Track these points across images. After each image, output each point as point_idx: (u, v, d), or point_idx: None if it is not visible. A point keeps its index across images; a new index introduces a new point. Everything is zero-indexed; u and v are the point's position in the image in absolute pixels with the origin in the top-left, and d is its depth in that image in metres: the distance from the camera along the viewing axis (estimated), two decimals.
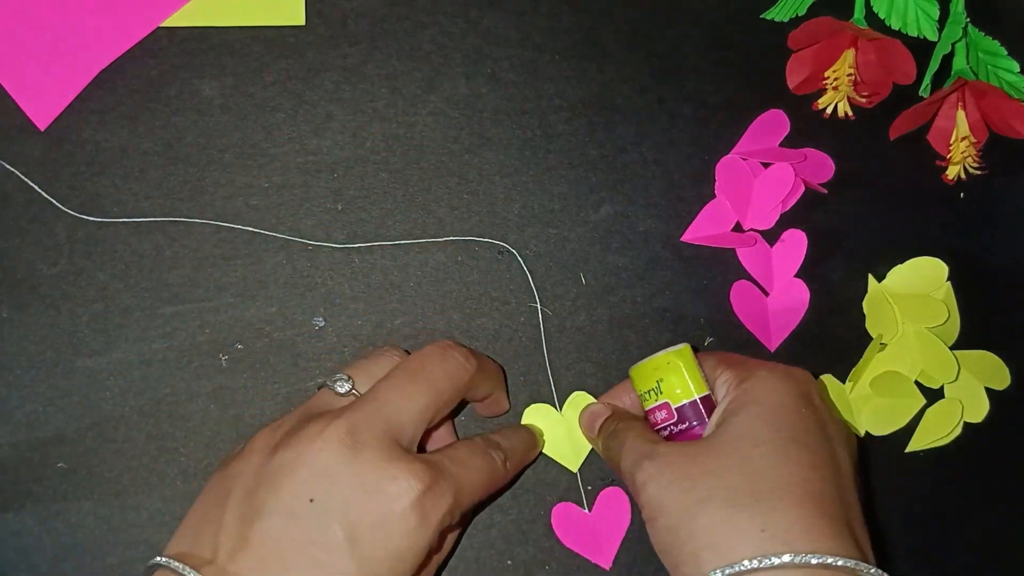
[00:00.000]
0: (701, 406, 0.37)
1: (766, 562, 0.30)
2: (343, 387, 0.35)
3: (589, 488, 0.43)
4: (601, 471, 0.43)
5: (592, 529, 0.42)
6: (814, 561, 0.30)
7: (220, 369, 0.41)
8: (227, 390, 0.41)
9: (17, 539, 0.39)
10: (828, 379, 0.45)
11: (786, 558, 0.30)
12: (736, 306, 0.45)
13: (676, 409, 0.37)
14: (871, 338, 0.46)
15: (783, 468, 0.33)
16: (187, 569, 0.31)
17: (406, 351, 0.39)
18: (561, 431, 0.43)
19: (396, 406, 0.34)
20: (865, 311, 0.46)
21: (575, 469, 0.43)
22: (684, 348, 0.39)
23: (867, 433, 0.45)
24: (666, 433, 0.38)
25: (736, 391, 0.36)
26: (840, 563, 0.30)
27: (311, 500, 0.31)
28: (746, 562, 0.30)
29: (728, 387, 0.37)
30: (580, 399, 0.43)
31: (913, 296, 0.46)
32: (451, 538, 0.39)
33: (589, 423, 0.41)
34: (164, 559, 0.31)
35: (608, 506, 0.43)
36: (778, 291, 0.46)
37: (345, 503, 0.31)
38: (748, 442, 0.34)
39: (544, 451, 0.42)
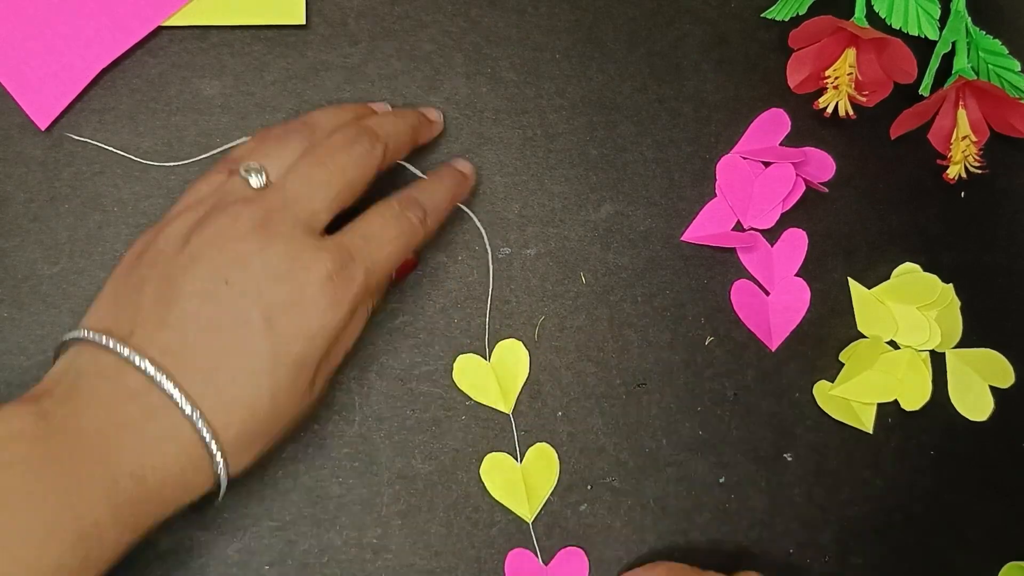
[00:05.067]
0: None
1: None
2: (257, 181, 0.35)
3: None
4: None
5: None
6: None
7: None
8: None
9: None
10: (825, 385, 0.45)
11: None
12: (736, 306, 0.45)
13: None
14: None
15: None
16: (111, 340, 0.32)
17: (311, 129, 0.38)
18: (517, 477, 0.42)
19: (307, 196, 0.35)
20: (855, 311, 0.46)
21: (529, 519, 0.42)
22: None
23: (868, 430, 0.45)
24: None
25: None
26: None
27: (226, 282, 0.32)
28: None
29: None
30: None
31: (905, 308, 0.46)
32: (364, 311, 0.37)
33: None
34: (85, 332, 0.32)
35: (566, 564, 0.42)
36: (779, 290, 0.45)
37: (259, 287, 0.32)
38: None
39: (500, 499, 0.42)
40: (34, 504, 0.28)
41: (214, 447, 0.32)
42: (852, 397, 0.45)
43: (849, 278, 0.46)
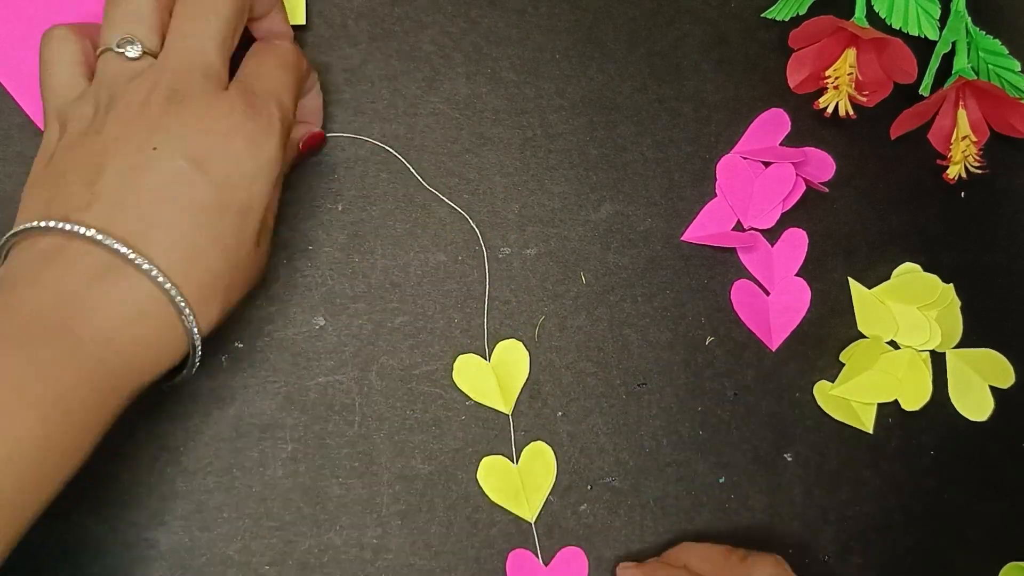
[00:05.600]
0: None
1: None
2: (134, 51, 0.34)
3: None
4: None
5: None
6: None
7: (220, 369, 0.41)
8: (227, 390, 0.41)
9: None
10: (825, 385, 0.45)
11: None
12: (736, 305, 0.45)
13: None
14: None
15: None
16: (48, 221, 0.31)
17: None
18: (514, 479, 0.42)
19: (197, 50, 0.34)
20: (856, 311, 0.46)
21: (531, 519, 0.42)
22: None
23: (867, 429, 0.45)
24: None
25: None
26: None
27: (154, 148, 0.32)
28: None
29: None
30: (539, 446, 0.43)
31: (905, 308, 0.46)
32: (284, 161, 0.36)
33: None
34: (19, 227, 0.32)
35: (566, 564, 0.42)
36: (779, 290, 0.45)
37: (186, 144, 0.32)
38: None
39: (499, 502, 0.42)
40: None
41: (179, 299, 0.31)
42: (852, 397, 0.45)
43: (849, 278, 0.46)
